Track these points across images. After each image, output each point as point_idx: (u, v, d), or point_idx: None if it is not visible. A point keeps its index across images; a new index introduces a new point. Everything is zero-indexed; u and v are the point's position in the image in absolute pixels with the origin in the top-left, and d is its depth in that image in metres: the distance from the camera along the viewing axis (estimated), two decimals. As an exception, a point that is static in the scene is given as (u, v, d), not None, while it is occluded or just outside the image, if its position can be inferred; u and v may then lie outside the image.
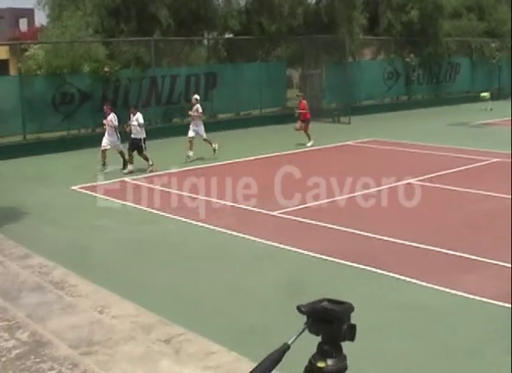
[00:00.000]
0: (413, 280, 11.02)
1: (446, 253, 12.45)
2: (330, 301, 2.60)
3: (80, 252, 12.95)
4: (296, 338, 2.52)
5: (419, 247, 12.87)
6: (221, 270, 11.86)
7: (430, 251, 12.63)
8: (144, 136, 21.57)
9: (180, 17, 32.19)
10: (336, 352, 2.60)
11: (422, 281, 10.95)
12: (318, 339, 2.66)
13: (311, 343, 2.72)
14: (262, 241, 13.31)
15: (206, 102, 31.77)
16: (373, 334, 8.79)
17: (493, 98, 40.91)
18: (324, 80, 36.84)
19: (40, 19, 37.17)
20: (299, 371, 2.57)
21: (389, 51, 42.29)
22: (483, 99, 39.13)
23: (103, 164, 21.50)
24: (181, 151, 23.10)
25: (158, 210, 16.13)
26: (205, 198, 16.99)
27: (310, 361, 2.59)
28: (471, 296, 10.26)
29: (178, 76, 31.12)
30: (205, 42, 36.69)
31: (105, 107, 22.69)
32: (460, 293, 10.42)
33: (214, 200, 16.81)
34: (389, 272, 11.42)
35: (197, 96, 25.10)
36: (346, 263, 11.99)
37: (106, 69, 27.89)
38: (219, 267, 11.96)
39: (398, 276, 11.27)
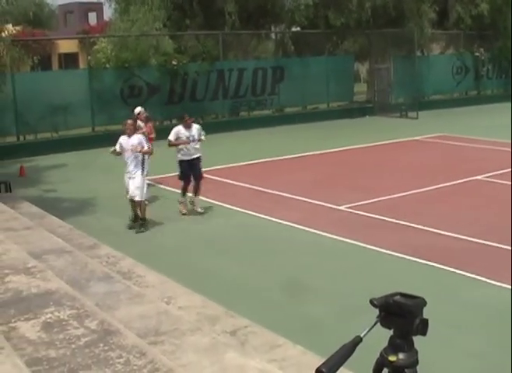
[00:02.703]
0: (482, 278, 10.90)
1: (505, 249, 12.29)
2: (402, 295, 2.60)
3: (148, 244, 13.12)
4: (368, 331, 2.53)
5: (487, 244, 12.72)
6: (288, 264, 11.86)
7: (499, 249, 12.48)
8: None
9: (248, 11, 32.26)
10: (408, 346, 2.61)
11: (491, 279, 10.82)
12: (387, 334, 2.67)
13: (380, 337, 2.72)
14: (329, 235, 13.29)
15: (273, 95, 31.87)
16: (444, 332, 8.74)
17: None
18: (392, 74, 36.54)
19: (109, 12, 37.55)
20: (370, 365, 2.59)
21: (458, 45, 41.73)
22: None
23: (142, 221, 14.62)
24: (248, 144, 23.16)
25: (225, 203, 16.24)
26: (272, 192, 17.03)
27: (381, 355, 2.60)
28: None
29: (245, 70, 31.20)
30: (273, 36, 36.72)
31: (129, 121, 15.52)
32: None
33: (282, 193, 16.84)
34: (459, 270, 11.31)
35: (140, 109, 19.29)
36: (416, 259, 11.91)
37: (174, 62, 28.11)
38: (286, 261, 11.97)
39: (468, 274, 11.15)
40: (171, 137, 15.55)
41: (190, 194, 15.81)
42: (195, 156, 15.65)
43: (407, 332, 2.62)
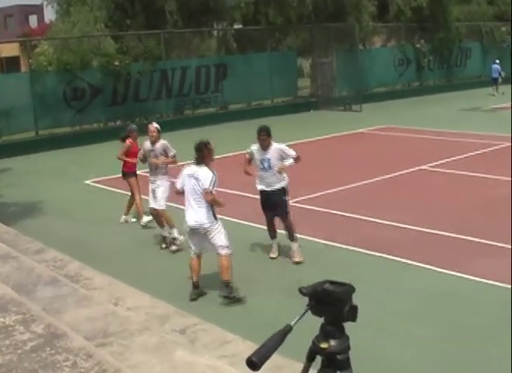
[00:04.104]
0: (428, 266, 11.03)
1: (462, 239, 12.45)
2: (331, 282, 2.62)
3: (95, 246, 13.01)
4: (298, 320, 2.55)
5: (433, 233, 12.86)
6: (237, 260, 11.82)
7: (445, 237, 12.63)
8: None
9: (189, 9, 32.21)
10: (339, 333, 2.63)
11: (438, 267, 10.95)
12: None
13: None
14: (278, 231, 13.29)
15: (217, 93, 31.86)
16: (392, 320, 8.85)
17: (505, 82, 40.77)
18: (335, 68, 36.74)
19: (50, 15, 37.19)
20: (304, 353, 2.60)
21: (399, 38, 42.22)
22: None
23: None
24: (193, 143, 23.06)
25: (173, 203, 16.18)
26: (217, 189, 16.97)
27: (313, 342, 2.62)
28: (487, 280, 10.28)
29: (188, 68, 31.14)
30: (215, 33, 36.70)
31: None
32: (476, 278, 10.43)
33: (227, 190, 16.80)
34: (405, 259, 11.43)
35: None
36: (363, 250, 12.01)
37: (116, 63, 27.94)
38: (236, 257, 11.93)
39: (413, 262, 11.27)
40: (248, 155, 12.15)
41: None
42: (275, 187, 11.81)
43: (337, 319, 2.64)
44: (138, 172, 15.31)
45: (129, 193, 15.24)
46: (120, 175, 15.54)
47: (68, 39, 27.67)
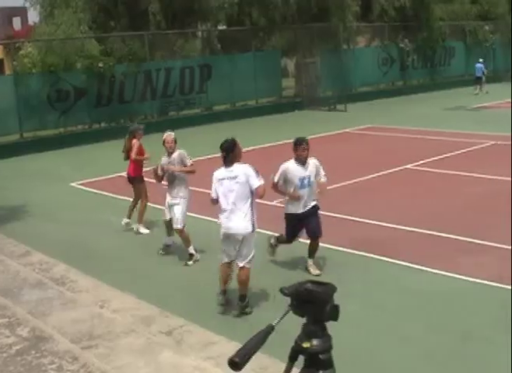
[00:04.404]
0: (416, 266, 11.06)
1: (446, 237, 12.50)
2: (313, 282, 2.63)
3: (81, 249, 12.96)
4: (280, 319, 2.56)
5: (418, 232, 12.91)
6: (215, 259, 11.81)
7: (431, 236, 12.68)
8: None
9: (173, 10, 32.21)
10: (321, 332, 2.64)
11: (427, 267, 10.98)
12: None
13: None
14: (263, 231, 13.24)
15: (202, 94, 31.85)
16: (380, 319, 8.88)
17: (488, 81, 41.00)
18: (320, 68, 36.79)
19: (33, 17, 37.07)
20: (286, 352, 2.61)
21: (383, 37, 42.30)
22: None
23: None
24: (178, 144, 23.06)
25: (152, 203, 16.14)
26: (204, 190, 16.95)
27: (295, 342, 2.63)
28: (474, 279, 10.32)
29: (173, 69, 31.10)
30: (199, 34, 36.69)
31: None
32: (464, 277, 10.47)
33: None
34: (394, 259, 11.46)
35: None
36: (347, 250, 12.04)
37: (100, 65, 27.88)
38: (214, 256, 11.91)
39: (402, 262, 11.31)
40: (275, 177, 10.80)
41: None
42: (310, 206, 10.85)
43: (319, 319, 2.65)
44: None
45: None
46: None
47: (52, 41, 27.57)
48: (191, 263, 11.95)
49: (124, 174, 19.33)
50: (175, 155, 12.24)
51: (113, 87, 28.95)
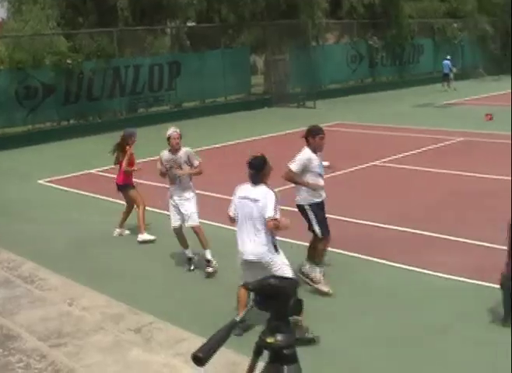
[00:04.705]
0: (381, 261, 11.13)
1: (416, 233, 12.58)
2: (276, 277, 2.65)
3: (50, 247, 12.88)
4: (243, 315, 2.57)
5: (387, 228, 12.98)
6: (181, 256, 11.79)
7: (400, 232, 12.75)
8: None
9: (142, 7, 32.11)
10: (285, 327, 2.66)
11: (392, 262, 11.06)
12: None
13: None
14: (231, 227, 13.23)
15: (171, 91, 31.79)
16: (349, 315, 8.92)
17: (457, 78, 41.30)
18: (289, 65, 36.84)
19: (1, 13, 36.84)
20: (251, 348, 2.62)
21: (352, 34, 42.44)
22: None
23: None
24: (146, 140, 22.99)
25: (122, 201, 16.08)
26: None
27: (260, 337, 2.64)
28: (447, 275, 10.40)
29: (142, 66, 30.99)
30: (168, 31, 36.61)
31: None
32: (435, 273, 10.55)
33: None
34: (359, 254, 11.52)
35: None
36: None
37: (68, 61, 27.71)
38: (179, 253, 11.88)
39: (367, 257, 11.37)
40: (295, 166, 10.25)
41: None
42: (324, 196, 10.37)
43: (283, 314, 2.66)
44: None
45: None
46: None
47: (20, 37, 27.37)
48: (210, 270, 10.93)
49: (94, 171, 19.33)
50: (181, 153, 11.33)
51: (81, 84, 28.77)
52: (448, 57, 40.47)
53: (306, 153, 10.14)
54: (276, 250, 8.47)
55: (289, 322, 2.64)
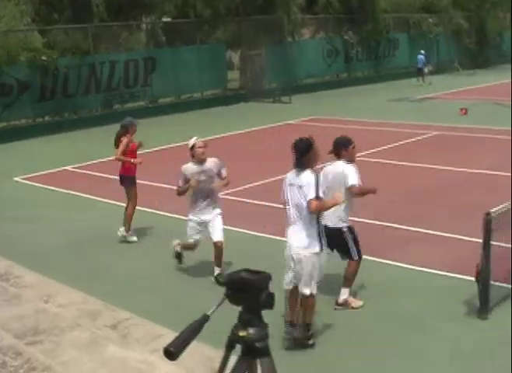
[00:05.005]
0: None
1: (388, 227, 12.64)
2: (248, 271, 2.66)
3: (26, 244, 12.82)
4: (215, 309, 2.58)
5: (362, 222, 13.01)
6: (164, 254, 11.79)
7: (373, 225, 12.80)
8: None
9: (117, 2, 31.98)
10: (257, 321, 2.67)
11: (369, 256, 11.09)
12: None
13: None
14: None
15: (146, 87, 31.71)
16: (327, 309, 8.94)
17: (432, 72, 41.52)
18: (264, 60, 36.85)
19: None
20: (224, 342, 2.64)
21: (328, 29, 42.51)
22: None
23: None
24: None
25: (98, 197, 16.05)
26: (145, 182, 16.91)
27: (232, 331, 2.65)
28: (422, 268, 10.47)
29: (117, 62, 30.85)
30: (143, 27, 36.50)
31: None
32: (412, 266, 10.61)
33: (155, 184, 16.73)
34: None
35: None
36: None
37: (43, 58, 27.56)
38: (163, 252, 11.88)
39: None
40: (358, 179, 9.45)
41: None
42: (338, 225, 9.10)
43: (255, 307, 2.67)
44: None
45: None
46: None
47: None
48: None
49: (70, 168, 19.25)
50: (210, 164, 10.44)
51: (56, 80, 28.60)
52: (422, 51, 40.65)
53: (349, 166, 9.37)
54: (321, 247, 7.87)
55: (261, 315, 2.66)
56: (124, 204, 12.93)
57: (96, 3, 30.76)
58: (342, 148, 9.50)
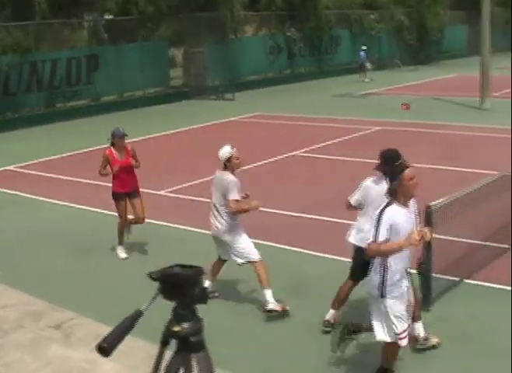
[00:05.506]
0: (297, 249, 11.25)
1: (336, 222, 12.71)
2: (181, 266, 2.68)
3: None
4: (149, 304, 2.60)
5: (309, 218, 13.09)
6: (105, 253, 11.73)
7: (318, 220, 12.88)
8: None
9: (58, 0, 31.64)
10: (191, 315, 2.69)
11: (309, 250, 11.17)
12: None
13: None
14: (152, 221, 13.18)
15: (89, 85, 31.44)
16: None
17: (374, 68, 41.91)
18: (207, 58, 36.81)
19: None
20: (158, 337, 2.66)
21: (270, 26, 42.62)
22: None
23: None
24: (66, 135, 22.80)
25: (43, 197, 15.89)
26: (89, 182, 16.80)
27: (166, 326, 2.68)
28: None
29: (59, 60, 30.51)
30: (85, 24, 36.20)
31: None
32: (344, 258, 10.70)
33: (101, 183, 16.63)
34: (278, 243, 11.61)
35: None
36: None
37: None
38: (104, 252, 11.82)
39: (284, 246, 11.47)
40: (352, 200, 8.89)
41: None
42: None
43: (188, 302, 2.70)
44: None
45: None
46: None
47: None
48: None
49: (12, 167, 19.05)
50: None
51: (-3, 79, 28.29)
52: (364, 47, 40.96)
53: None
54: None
55: (195, 310, 2.68)
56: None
57: (38, 0, 30.41)
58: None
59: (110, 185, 11.63)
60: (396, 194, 6.70)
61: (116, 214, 11.69)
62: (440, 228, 8.63)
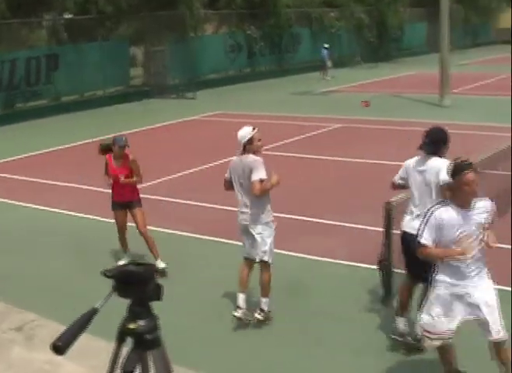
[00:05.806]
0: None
1: (295, 219, 12.77)
2: (134, 263, 2.70)
3: None
4: (104, 302, 2.62)
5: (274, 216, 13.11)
6: (73, 252, 11.68)
7: (278, 218, 12.90)
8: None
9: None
10: (146, 313, 2.72)
11: (287, 250, 11.19)
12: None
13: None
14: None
15: (49, 85, 31.21)
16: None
17: (335, 66, 42.10)
18: (168, 56, 36.73)
19: None
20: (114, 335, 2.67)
21: (230, 25, 42.62)
22: None
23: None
24: (25, 136, 22.62)
25: (1, 198, 15.78)
26: (51, 182, 16.72)
27: (122, 324, 2.69)
28: (337, 260, 10.63)
29: (18, 60, 30.24)
30: (44, 23, 35.92)
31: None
32: (308, 256, 10.77)
33: (61, 183, 16.57)
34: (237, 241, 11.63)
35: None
36: (199, 236, 12.13)
37: None
38: (73, 251, 11.77)
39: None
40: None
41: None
42: None
43: (143, 299, 2.72)
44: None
45: None
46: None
47: None
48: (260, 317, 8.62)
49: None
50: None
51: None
52: (326, 45, 41.11)
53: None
54: None
55: (150, 307, 2.71)
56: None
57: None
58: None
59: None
60: (452, 194, 6.17)
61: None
62: (399, 224, 8.70)
